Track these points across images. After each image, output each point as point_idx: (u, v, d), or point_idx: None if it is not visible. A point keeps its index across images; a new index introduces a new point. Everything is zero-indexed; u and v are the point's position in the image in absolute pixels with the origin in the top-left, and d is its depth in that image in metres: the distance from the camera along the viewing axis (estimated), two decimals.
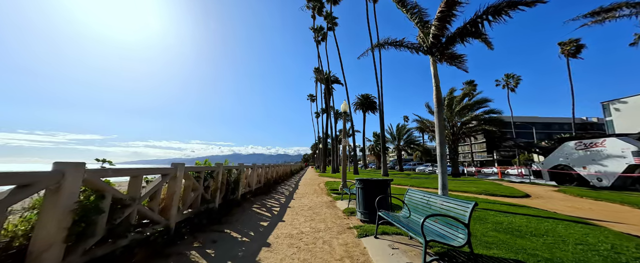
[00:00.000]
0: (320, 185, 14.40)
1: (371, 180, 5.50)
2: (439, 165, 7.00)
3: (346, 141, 11.95)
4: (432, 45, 7.29)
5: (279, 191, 10.98)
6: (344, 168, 11.63)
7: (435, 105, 7.25)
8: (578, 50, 35.76)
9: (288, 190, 11.57)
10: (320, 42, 38.14)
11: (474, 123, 19.50)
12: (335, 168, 31.44)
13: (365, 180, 5.55)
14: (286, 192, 10.61)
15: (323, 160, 38.82)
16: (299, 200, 8.55)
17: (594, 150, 13.64)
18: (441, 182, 6.83)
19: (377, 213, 4.14)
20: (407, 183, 14.24)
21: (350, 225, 5.05)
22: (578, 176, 14.31)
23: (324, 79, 41.03)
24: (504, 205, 7.62)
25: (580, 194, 9.69)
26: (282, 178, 16.49)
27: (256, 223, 5.17)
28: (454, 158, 20.75)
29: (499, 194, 9.71)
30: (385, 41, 7.65)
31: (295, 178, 19.66)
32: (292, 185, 13.81)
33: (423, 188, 12.47)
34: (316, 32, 37.53)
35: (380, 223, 4.20)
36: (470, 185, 13.55)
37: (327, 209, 6.93)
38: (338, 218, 5.79)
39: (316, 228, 4.84)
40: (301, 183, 15.52)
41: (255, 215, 5.92)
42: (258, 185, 9.97)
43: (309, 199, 8.76)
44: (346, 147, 12.17)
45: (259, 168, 10.39)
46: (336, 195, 9.59)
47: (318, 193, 10.44)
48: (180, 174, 3.95)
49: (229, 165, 7.34)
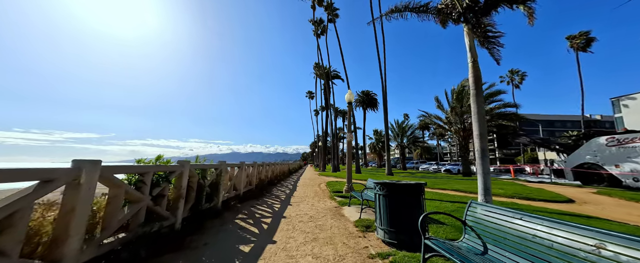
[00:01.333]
0: (322, 186, 12.81)
1: (398, 185, 3.90)
2: (480, 163, 5.41)
3: (351, 135, 10.36)
4: (467, 8, 5.66)
5: (274, 194, 9.37)
6: (349, 167, 10.04)
7: (472, 86, 5.65)
8: (588, 43, 34.27)
9: (284, 192, 9.97)
10: (320, 35, 36.45)
11: (487, 117, 17.84)
12: (335, 167, 29.86)
13: (390, 184, 3.95)
14: (282, 195, 9.00)
15: (323, 159, 37.24)
16: (296, 206, 6.94)
17: (630, 147, 12.12)
18: (482, 185, 5.26)
19: (421, 240, 2.53)
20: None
21: (371, 250, 3.46)
22: (609, 176, 12.80)
23: (324, 74, 39.40)
24: (554, 213, 6.05)
25: (633, 198, 8.14)
26: (278, 178, 14.89)
27: (234, 247, 3.56)
28: (464, 156, 19.19)
29: (536, 198, 8.13)
30: (405, 5, 6.01)
31: (293, 178, 18.05)
32: (289, 186, 12.21)
33: (439, 189, 10.88)
34: (316, 24, 35.82)
35: (428, 258, 2.59)
36: (493, 186, 11.97)
37: (334, 220, 5.33)
38: (350, 235, 4.20)
39: (322, 256, 3.24)
40: (300, 183, 13.92)
41: (236, 233, 4.31)
42: (249, 188, 8.35)
43: (309, 205, 7.17)
44: (351, 143, 10.57)
45: (249, 167, 8.77)
46: (342, 199, 8.01)
47: (320, 197, 8.84)
48: (89, 179, 2.30)
49: (205, 163, 5.71)
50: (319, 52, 35.84)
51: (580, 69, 35.24)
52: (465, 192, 9.81)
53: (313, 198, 8.56)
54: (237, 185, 6.88)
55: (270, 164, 13.28)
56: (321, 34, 36.24)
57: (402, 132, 39.03)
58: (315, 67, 45.95)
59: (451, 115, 19.15)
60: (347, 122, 10.00)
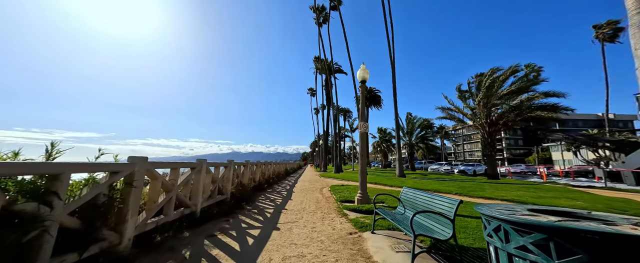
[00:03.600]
0: (324, 191, 10.10)
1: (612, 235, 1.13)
2: None
3: (366, 125, 7.64)
4: None
5: (259, 205, 6.65)
6: (362, 168, 7.31)
7: None
8: (616, 33, 31.45)
9: (275, 202, 7.24)
10: (322, 24, 33.70)
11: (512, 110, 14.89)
12: (338, 167, 27.15)
13: (564, 228, 1.17)
14: (269, 209, 6.27)
15: (324, 158, 34.55)
16: (287, 233, 4.24)
17: None
18: None
19: None
20: (482, 195, 9.88)
21: None
22: None
23: (325, 68, 36.69)
24: None
25: None
26: (272, 180, 12.17)
27: None
28: (491, 155, 16.42)
29: None
30: None
31: (290, 181, 15.32)
32: (283, 192, 9.49)
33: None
34: (318, 12, 33.08)
35: None
36: (547, 194, 9.21)
37: None
38: None
39: None
40: (297, 187, 11.19)
41: None
42: (218, 199, 5.62)
43: (307, 229, 4.47)
44: (366, 135, 7.84)
45: (224, 168, 6.05)
46: (357, 217, 5.32)
47: (324, 210, 6.13)
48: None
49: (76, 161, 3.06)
50: (321, 41, 33.12)
51: (605, 62, 32.41)
52: None
53: (314, 213, 5.84)
54: (184, 201, 4.14)
55: (262, 164, 10.55)
56: (323, 23, 33.50)
57: (411, 129, 36.13)
58: (316, 61, 43.14)
59: (478, 107, 16.38)
60: (360, 107, 7.19)
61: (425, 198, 3.54)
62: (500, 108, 15.99)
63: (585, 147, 39.15)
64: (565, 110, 13.86)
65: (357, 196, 7.05)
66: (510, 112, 15.09)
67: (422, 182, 13.50)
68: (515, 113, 14.94)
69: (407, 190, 4.32)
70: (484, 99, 15.67)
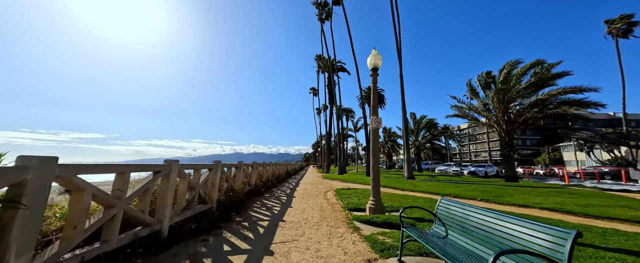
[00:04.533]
0: (329, 195, 8.96)
1: None
2: None
3: (378, 120, 6.50)
4: None
5: (253, 215, 5.52)
6: (375, 171, 6.15)
7: None
8: (630, 28, 30.02)
9: (271, 212, 6.10)
10: (325, 20, 32.61)
11: (534, 106, 13.52)
12: (342, 168, 25.96)
13: None
14: (264, 219, 5.15)
15: (327, 159, 33.42)
16: (282, 260, 3.10)
17: None
18: None
19: None
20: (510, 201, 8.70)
21: None
22: None
23: (328, 66, 35.60)
24: None
25: None
26: (271, 183, 11.05)
27: None
28: (509, 156, 15.13)
29: None
30: None
31: (291, 183, 14.19)
32: (282, 197, 8.36)
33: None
34: (320, 7, 31.97)
35: None
36: (591, 202, 7.98)
37: None
38: None
39: None
40: (298, 191, 10.06)
41: None
42: (199, 209, 4.49)
43: (310, 251, 3.37)
44: (378, 131, 6.69)
45: (207, 171, 4.92)
46: (373, 232, 4.20)
47: (329, 222, 5.01)
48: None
49: None
50: (323, 37, 32.07)
51: (620, 58, 30.95)
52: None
53: (318, 226, 4.71)
54: (139, 218, 3.01)
55: (257, 166, 9.43)
56: (326, 19, 32.40)
57: (417, 128, 34.75)
58: (318, 59, 42.06)
59: (493, 103, 15.09)
60: (371, 99, 5.90)
61: (489, 219, 2.38)
62: (518, 104, 14.69)
63: (599, 147, 37.65)
64: (595, 106, 12.52)
65: (369, 203, 5.91)
66: (532, 108, 13.79)
67: (435, 185, 12.30)
68: (537, 109, 13.62)
69: (447, 202, 3.16)
70: (499, 95, 14.36)
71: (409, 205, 6.84)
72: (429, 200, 7.52)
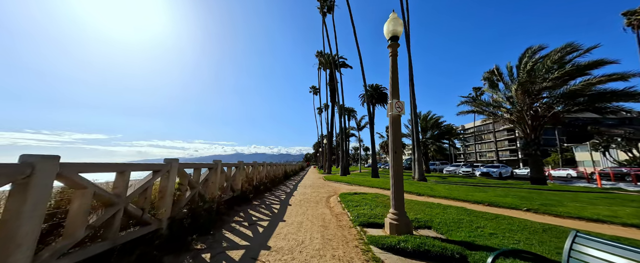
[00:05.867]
0: (332, 202, 7.30)
1: None
2: None
3: (400, 105, 4.84)
4: None
5: (227, 239, 3.86)
6: (397, 174, 4.44)
7: None
8: None
9: (254, 229, 4.44)
10: (327, 13, 31.03)
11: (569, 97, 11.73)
12: (345, 169, 24.28)
13: None
14: (241, 242, 3.50)
15: (328, 159, 31.73)
16: None
17: None
18: None
19: None
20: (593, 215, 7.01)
21: None
22: None
23: (330, 62, 33.97)
24: None
25: None
26: (265, 187, 9.40)
27: None
28: (536, 155, 13.33)
29: None
30: None
31: (289, 186, 12.54)
32: (275, 205, 6.69)
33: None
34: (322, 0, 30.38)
35: None
36: None
37: None
38: None
39: None
40: (296, 198, 8.39)
41: None
42: (130, 237, 2.84)
43: None
44: (399, 120, 4.99)
45: (151, 173, 3.28)
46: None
47: (335, 248, 3.33)
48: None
49: None
50: (325, 31, 30.48)
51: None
52: None
53: (320, 257, 3.05)
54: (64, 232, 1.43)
55: (243, 166, 7.77)
56: (328, 12, 30.83)
57: (425, 127, 32.94)
58: (319, 55, 40.38)
59: (517, 96, 13.30)
60: (390, 79, 3.98)
61: None
62: (547, 97, 12.93)
63: (615, 147, 35.73)
64: None
65: (389, 218, 4.25)
66: (566, 99, 12.02)
67: (456, 189, 10.58)
68: (572, 101, 11.84)
69: (598, 244, 1.50)
70: (524, 86, 12.53)
71: (437, 215, 5.17)
72: (463, 210, 5.84)
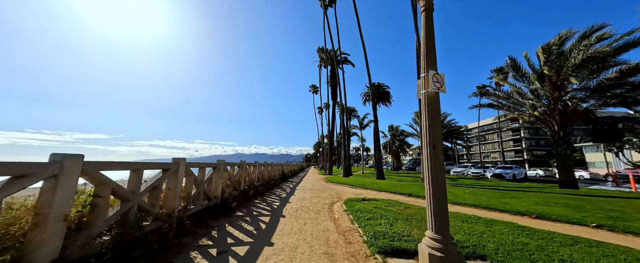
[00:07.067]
0: (336, 211, 5.80)
1: None
2: None
3: (440, 78, 3.34)
4: None
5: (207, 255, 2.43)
6: (437, 179, 2.96)
7: None
8: None
9: (244, 242, 2.95)
10: (329, 7, 29.60)
11: (607, 89, 10.18)
12: (347, 170, 22.83)
13: None
14: None
15: (329, 159, 30.29)
16: None
17: None
18: None
19: None
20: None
21: None
22: None
23: (331, 58, 32.55)
24: None
25: None
26: (256, 191, 7.94)
27: None
28: (564, 155, 11.83)
29: None
30: None
31: (286, 189, 11.07)
32: (264, 217, 5.21)
33: None
34: None
35: None
36: None
37: None
38: None
39: None
40: (291, 206, 6.91)
41: None
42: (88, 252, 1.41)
43: None
44: (438, 102, 3.47)
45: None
46: None
47: None
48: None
49: None
50: (328, 25, 28.97)
51: None
52: None
53: None
54: None
55: (225, 167, 6.29)
56: (329, 5, 29.40)
57: None
58: (320, 51, 38.88)
59: (545, 88, 11.78)
60: (423, 42, 2.18)
61: None
62: (580, 89, 11.37)
63: (629, 148, 34.17)
64: None
65: (428, 244, 2.71)
66: (602, 92, 10.53)
67: (480, 194, 9.06)
68: (608, 94, 10.38)
69: None
70: (553, 77, 10.96)
71: (486, 236, 3.69)
72: (515, 228, 4.33)
